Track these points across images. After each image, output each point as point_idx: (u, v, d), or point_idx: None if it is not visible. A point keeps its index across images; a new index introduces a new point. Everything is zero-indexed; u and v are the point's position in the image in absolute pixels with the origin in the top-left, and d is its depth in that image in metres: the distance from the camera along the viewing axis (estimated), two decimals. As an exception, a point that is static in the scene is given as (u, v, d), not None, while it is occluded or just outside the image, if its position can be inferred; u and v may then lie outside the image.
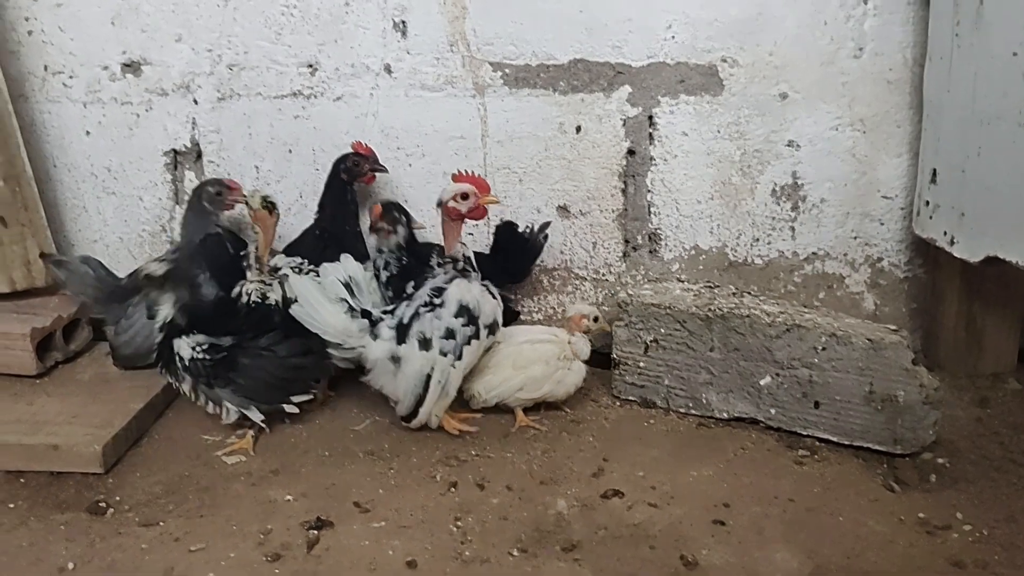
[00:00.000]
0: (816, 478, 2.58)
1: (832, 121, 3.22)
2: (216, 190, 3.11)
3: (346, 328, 2.73)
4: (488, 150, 3.34)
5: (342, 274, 2.81)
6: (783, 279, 3.41)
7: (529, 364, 2.89)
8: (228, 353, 2.76)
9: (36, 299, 3.23)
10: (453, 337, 2.72)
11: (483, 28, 3.22)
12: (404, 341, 2.74)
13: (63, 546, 2.30)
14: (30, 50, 3.31)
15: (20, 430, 2.69)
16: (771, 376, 2.78)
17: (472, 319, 2.73)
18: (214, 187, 3.12)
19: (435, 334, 2.72)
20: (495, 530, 2.35)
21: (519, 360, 2.90)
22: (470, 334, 2.73)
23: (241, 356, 2.76)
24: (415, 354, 2.73)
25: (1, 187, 3.09)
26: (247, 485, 2.58)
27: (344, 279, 2.80)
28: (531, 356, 2.90)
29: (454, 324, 2.71)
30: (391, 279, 3.02)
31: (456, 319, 2.71)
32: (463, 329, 2.72)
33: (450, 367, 2.74)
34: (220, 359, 2.75)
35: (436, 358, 2.72)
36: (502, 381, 2.89)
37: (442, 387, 2.75)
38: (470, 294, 2.73)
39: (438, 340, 2.72)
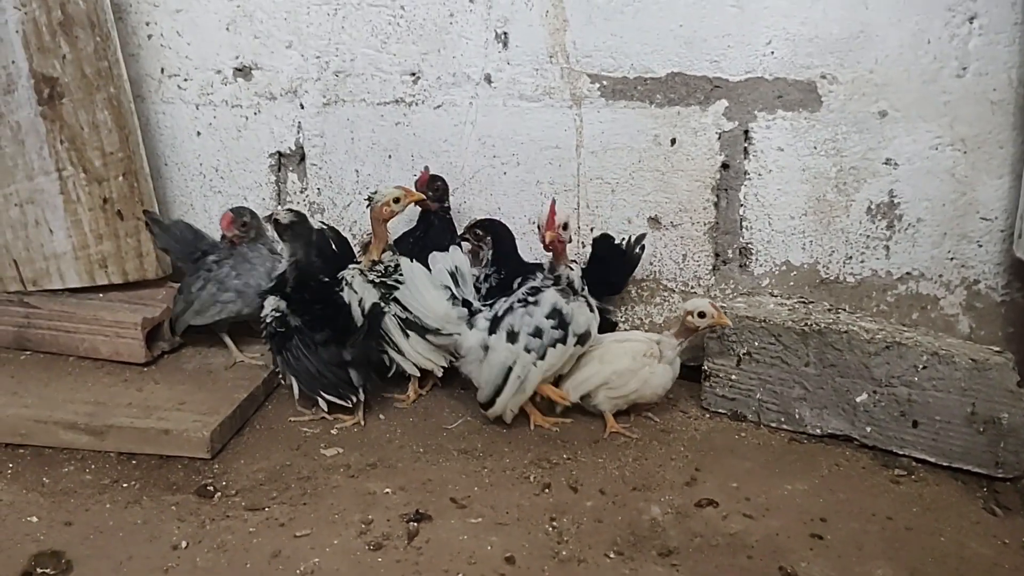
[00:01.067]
0: (914, 498, 2.55)
1: (932, 140, 3.18)
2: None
3: (446, 314, 2.87)
4: (582, 160, 3.39)
5: (450, 264, 2.94)
6: (875, 298, 3.37)
7: (615, 359, 2.93)
8: (287, 330, 2.94)
9: (146, 290, 3.37)
10: (540, 336, 2.78)
11: (583, 40, 3.27)
12: (495, 331, 2.83)
13: (175, 525, 2.40)
14: (148, 53, 3.47)
15: (132, 414, 2.82)
16: (868, 393, 2.76)
17: (563, 323, 2.78)
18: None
19: (523, 329, 2.79)
20: (590, 532, 2.38)
21: (606, 356, 2.95)
22: (557, 337, 2.78)
23: (296, 337, 2.92)
24: (501, 345, 2.80)
25: (120, 182, 3.24)
26: (346, 476, 2.65)
27: (451, 269, 2.92)
28: (617, 352, 2.95)
29: (544, 324, 2.77)
30: (490, 291, 3.10)
31: (547, 320, 2.77)
32: (551, 331, 2.77)
33: (532, 364, 2.79)
34: (281, 332, 2.93)
35: (520, 353, 2.79)
36: (588, 376, 2.93)
37: (520, 382, 2.81)
38: (563, 302, 2.80)
39: (525, 336, 2.78)
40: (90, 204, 3.25)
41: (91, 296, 3.34)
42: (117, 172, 3.23)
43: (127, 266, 3.32)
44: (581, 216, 3.44)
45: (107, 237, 3.28)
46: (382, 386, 3.11)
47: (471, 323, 2.87)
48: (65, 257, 3.30)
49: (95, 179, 3.23)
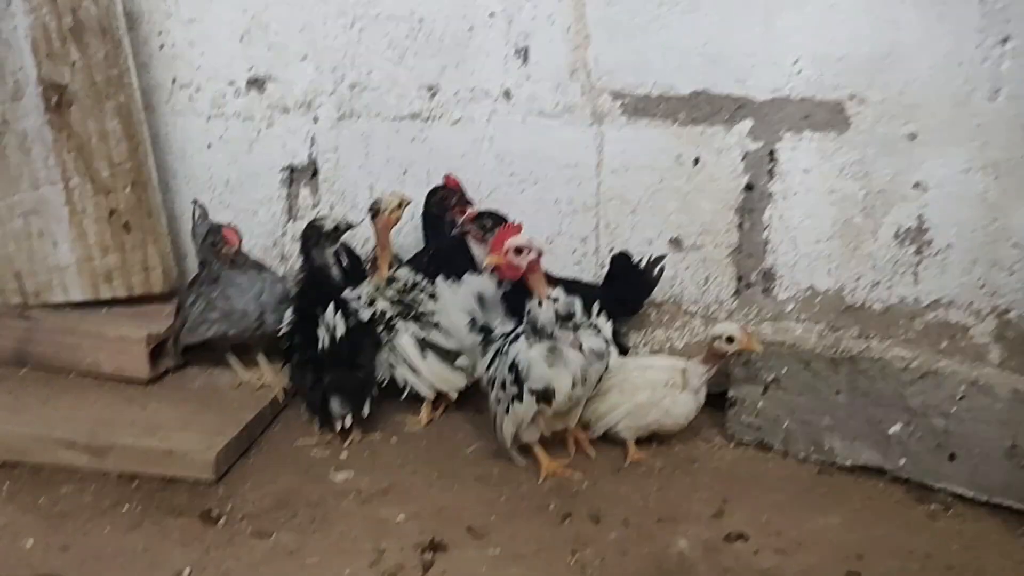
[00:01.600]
0: (953, 534, 2.44)
1: (963, 164, 3.09)
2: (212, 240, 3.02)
3: (462, 340, 2.85)
4: (602, 179, 3.30)
5: (477, 288, 2.83)
6: (903, 326, 3.26)
7: (635, 391, 2.81)
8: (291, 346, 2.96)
9: (151, 306, 3.28)
10: (504, 388, 2.61)
11: (605, 57, 3.19)
12: (488, 370, 2.72)
13: (178, 551, 2.29)
14: (160, 63, 3.39)
15: (135, 433, 2.71)
16: (902, 424, 2.65)
17: (517, 380, 2.54)
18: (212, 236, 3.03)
19: (497, 378, 2.65)
20: (615, 565, 2.26)
21: (626, 386, 2.83)
22: (514, 394, 2.57)
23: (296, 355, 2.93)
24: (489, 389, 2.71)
25: (127, 193, 3.15)
26: (357, 502, 2.54)
27: (478, 293, 2.82)
28: (637, 382, 2.83)
29: (507, 377, 2.59)
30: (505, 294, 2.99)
31: (508, 373, 2.58)
32: (510, 386, 2.58)
33: (504, 414, 2.65)
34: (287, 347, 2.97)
35: (493, 400, 2.69)
36: (609, 409, 2.82)
37: (501, 428, 2.69)
38: (525, 355, 2.53)
39: (497, 386, 2.65)
40: (96, 215, 3.16)
41: (95, 310, 3.24)
42: (125, 183, 3.15)
43: (132, 280, 3.23)
44: (600, 236, 3.34)
45: (113, 250, 3.19)
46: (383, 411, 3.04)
47: (484, 351, 2.77)
48: (69, 270, 3.21)
49: (102, 190, 3.14)
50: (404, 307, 2.96)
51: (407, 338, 2.92)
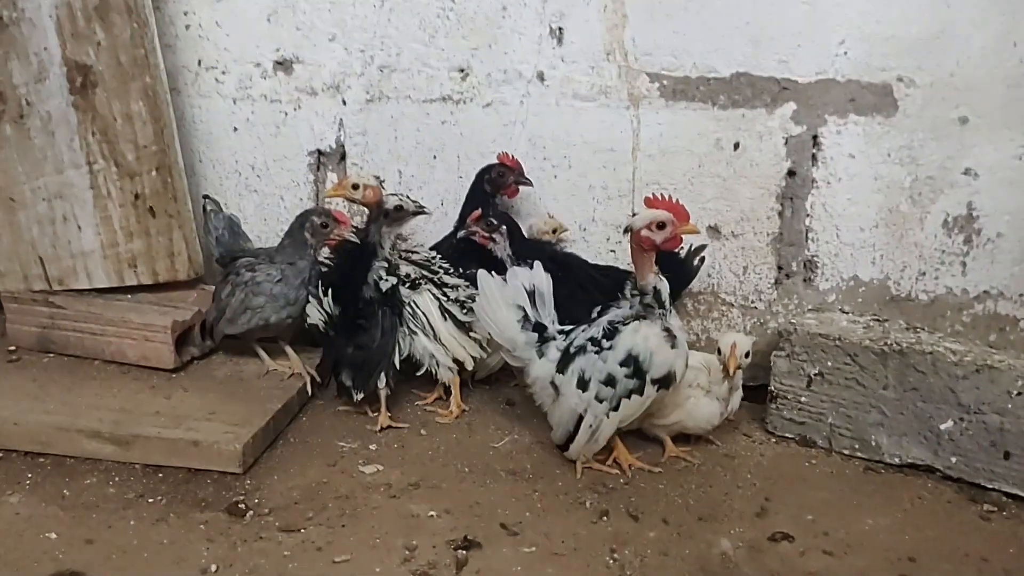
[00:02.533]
0: (1009, 537, 2.33)
1: (1016, 149, 2.97)
2: (322, 221, 2.86)
3: (513, 339, 2.62)
4: (638, 164, 3.19)
5: (528, 282, 2.65)
6: (950, 318, 3.15)
7: None
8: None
9: (176, 292, 3.20)
10: (613, 385, 2.48)
11: (642, 37, 3.08)
12: (564, 371, 2.54)
13: (204, 546, 2.22)
14: (186, 44, 3.32)
15: (160, 423, 2.65)
16: (954, 421, 2.54)
17: (639, 371, 2.44)
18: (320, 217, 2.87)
19: (595, 376, 2.48)
20: (656, 566, 2.18)
21: None
22: (632, 387, 2.46)
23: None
24: (572, 390, 2.52)
25: (153, 177, 3.08)
26: (387, 497, 2.47)
27: (529, 288, 2.63)
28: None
29: (617, 372, 2.45)
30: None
31: (621, 367, 2.45)
32: (625, 380, 2.45)
33: (604, 415, 2.51)
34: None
35: (591, 402, 2.51)
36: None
37: (592, 432, 2.54)
38: (644, 343, 2.43)
39: (596, 384, 2.48)
40: (121, 200, 3.09)
41: (119, 297, 3.17)
42: (150, 166, 3.07)
43: (157, 266, 3.16)
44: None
45: (138, 235, 3.12)
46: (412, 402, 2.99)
47: (541, 351, 2.59)
48: (93, 255, 3.14)
49: (127, 173, 3.07)
50: (429, 271, 2.92)
51: (429, 298, 2.85)
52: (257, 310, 2.92)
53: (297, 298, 2.90)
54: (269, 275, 2.90)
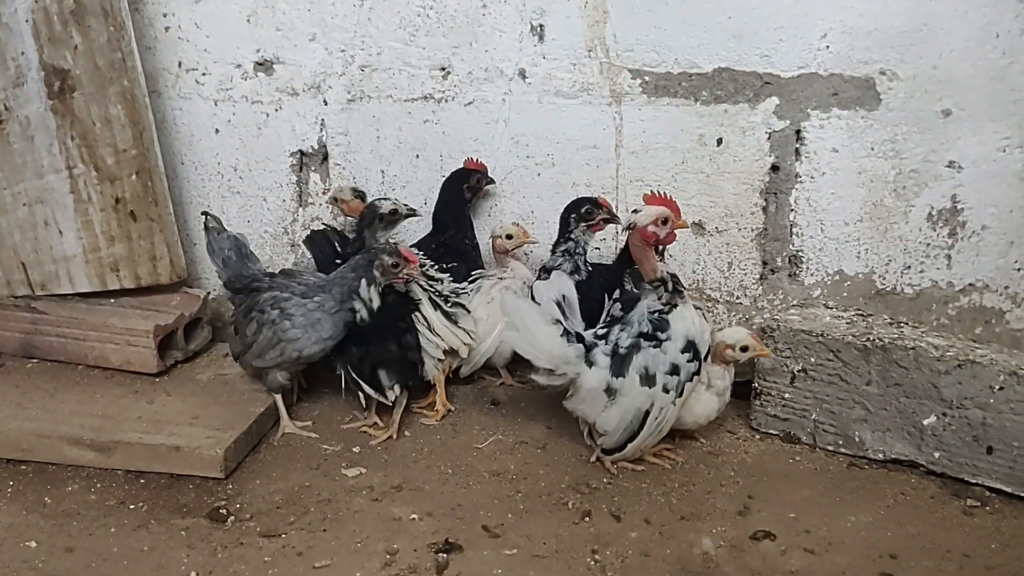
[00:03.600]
0: (992, 532, 2.33)
1: (999, 141, 2.96)
2: (393, 261, 2.66)
3: (563, 355, 2.48)
4: (621, 161, 3.18)
5: (555, 293, 2.56)
6: (935, 311, 3.15)
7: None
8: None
9: (159, 296, 3.20)
10: (677, 373, 2.49)
11: (624, 33, 3.06)
12: (622, 374, 2.49)
13: (184, 553, 2.22)
14: (166, 46, 3.30)
15: (141, 428, 2.64)
16: (937, 416, 2.53)
17: (696, 354, 2.50)
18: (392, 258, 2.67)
19: (659, 369, 2.48)
20: (637, 567, 2.17)
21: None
22: (693, 370, 2.51)
23: None
24: (635, 389, 2.49)
25: (133, 181, 3.07)
26: (369, 500, 2.46)
27: (557, 298, 2.54)
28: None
29: (679, 360, 2.48)
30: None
31: (683, 354, 2.49)
32: (688, 365, 2.49)
33: (671, 404, 2.52)
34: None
35: (658, 394, 2.50)
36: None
37: (658, 424, 2.53)
38: (694, 326, 2.50)
39: (663, 376, 2.48)
40: (102, 204, 3.08)
41: (102, 301, 3.17)
42: (130, 170, 3.06)
43: (140, 270, 3.15)
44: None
45: (119, 239, 3.11)
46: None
47: (589, 360, 2.51)
48: (75, 260, 3.13)
49: (107, 177, 3.06)
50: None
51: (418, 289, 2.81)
52: (291, 342, 2.70)
53: (334, 334, 2.71)
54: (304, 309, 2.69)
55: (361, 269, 2.66)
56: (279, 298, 2.70)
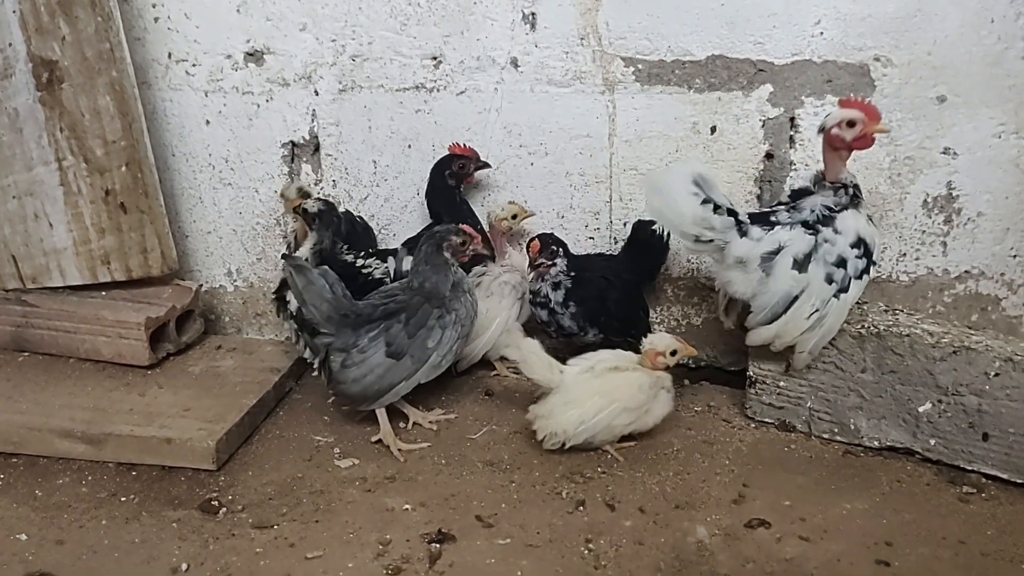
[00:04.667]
0: (987, 519, 2.31)
1: (995, 128, 2.94)
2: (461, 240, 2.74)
3: (706, 219, 2.49)
4: (615, 150, 3.16)
5: (689, 172, 2.51)
6: (931, 299, 3.14)
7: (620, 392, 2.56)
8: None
9: (150, 288, 3.17)
10: (844, 266, 2.51)
11: (616, 21, 3.04)
12: (775, 252, 2.53)
13: (175, 545, 2.20)
14: (155, 37, 3.27)
15: (133, 421, 2.62)
16: (932, 403, 2.52)
17: (868, 253, 2.53)
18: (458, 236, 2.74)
19: (823, 259, 2.51)
20: (631, 556, 2.15)
21: (608, 388, 2.56)
22: (862, 268, 2.53)
23: None
24: (785, 272, 2.51)
25: (123, 172, 3.04)
26: (362, 491, 2.45)
27: (695, 177, 2.50)
28: (621, 384, 2.57)
29: (848, 254, 2.51)
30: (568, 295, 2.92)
31: (852, 249, 2.51)
32: (856, 260, 2.52)
33: (832, 297, 2.51)
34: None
35: (814, 283, 2.51)
36: (595, 414, 2.54)
37: (819, 316, 2.52)
38: (867, 228, 2.54)
39: (823, 265, 2.50)
40: (92, 196, 3.05)
41: (93, 294, 3.14)
42: (120, 162, 3.03)
43: (131, 262, 3.12)
44: (613, 209, 3.22)
45: (110, 231, 3.08)
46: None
47: (742, 230, 2.54)
48: (66, 253, 3.11)
49: (97, 169, 3.03)
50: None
51: None
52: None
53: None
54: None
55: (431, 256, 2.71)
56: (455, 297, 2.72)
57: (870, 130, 2.50)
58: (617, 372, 2.60)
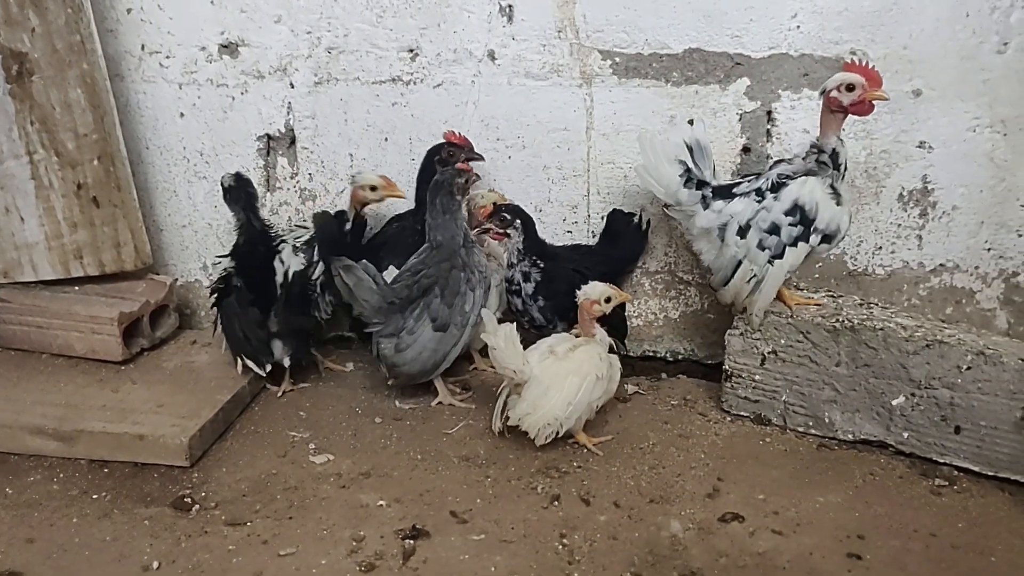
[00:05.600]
0: (959, 511, 2.33)
1: (970, 121, 2.96)
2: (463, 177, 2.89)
3: (676, 193, 2.67)
4: (592, 143, 3.15)
5: (688, 136, 2.69)
6: (906, 292, 3.15)
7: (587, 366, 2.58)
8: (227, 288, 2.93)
9: (124, 283, 3.15)
10: (777, 233, 2.57)
11: (594, 14, 3.03)
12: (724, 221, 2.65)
13: (147, 543, 2.19)
14: (128, 29, 3.22)
15: (105, 417, 2.60)
16: (905, 396, 2.53)
17: (805, 220, 2.55)
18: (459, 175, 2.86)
19: (757, 225, 2.59)
20: (605, 551, 2.16)
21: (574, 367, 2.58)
22: (796, 235, 2.57)
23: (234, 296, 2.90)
24: (732, 238, 2.63)
25: (95, 166, 3.01)
26: (336, 487, 2.44)
27: (690, 142, 2.69)
28: (584, 359, 2.60)
29: (781, 221, 2.57)
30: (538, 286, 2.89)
31: (786, 216, 2.56)
32: (790, 228, 2.57)
33: (767, 263, 2.60)
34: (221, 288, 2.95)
35: (751, 249, 2.61)
36: (576, 392, 2.54)
37: (755, 281, 2.63)
38: (811, 195, 2.56)
39: (757, 232, 2.59)
40: (63, 190, 3.02)
41: (65, 289, 3.12)
42: (92, 155, 3.00)
43: (104, 257, 3.09)
44: (591, 203, 3.21)
45: (82, 225, 3.05)
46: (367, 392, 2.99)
47: (706, 203, 2.67)
48: (37, 247, 3.08)
49: (68, 163, 3.00)
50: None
51: None
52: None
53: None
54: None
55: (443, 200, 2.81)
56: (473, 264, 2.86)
57: (869, 96, 2.51)
58: (575, 349, 2.62)
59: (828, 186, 2.58)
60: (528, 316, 2.93)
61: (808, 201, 2.55)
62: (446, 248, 2.81)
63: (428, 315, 2.76)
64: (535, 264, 2.89)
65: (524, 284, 2.89)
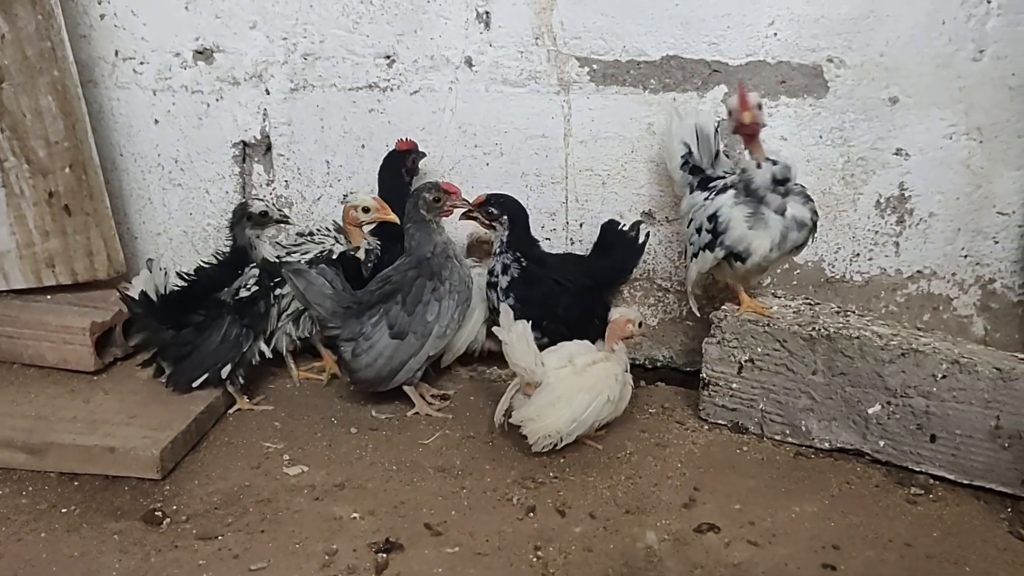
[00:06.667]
0: (934, 520, 2.33)
1: (946, 129, 2.96)
2: (434, 196, 2.80)
3: (675, 171, 2.88)
4: (570, 150, 3.15)
5: (699, 123, 2.85)
6: (884, 298, 3.16)
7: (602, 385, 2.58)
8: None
9: (96, 292, 3.11)
10: (699, 233, 2.72)
11: (571, 21, 3.02)
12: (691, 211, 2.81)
13: (116, 558, 2.16)
14: (101, 34, 3.20)
15: (76, 429, 2.57)
16: (881, 405, 2.53)
17: (715, 230, 2.65)
18: (431, 193, 2.80)
19: (695, 220, 2.76)
20: (579, 563, 2.14)
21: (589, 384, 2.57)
22: (706, 242, 2.69)
23: None
24: (689, 230, 2.80)
25: (67, 174, 2.97)
26: (310, 499, 2.41)
27: (697, 129, 2.84)
28: (602, 377, 2.59)
29: (703, 224, 2.70)
30: (513, 283, 2.87)
31: (707, 222, 2.68)
32: (705, 234, 2.69)
33: (693, 257, 2.79)
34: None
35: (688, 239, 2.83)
36: (584, 410, 2.53)
37: (696, 270, 2.80)
38: (728, 212, 2.63)
39: (692, 229, 2.76)
40: (35, 198, 2.98)
41: (37, 298, 3.07)
42: (64, 163, 2.97)
43: (76, 265, 3.06)
44: (569, 210, 3.20)
45: (54, 234, 3.02)
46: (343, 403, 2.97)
47: (692, 187, 2.82)
48: (9, 256, 3.04)
49: (39, 171, 2.96)
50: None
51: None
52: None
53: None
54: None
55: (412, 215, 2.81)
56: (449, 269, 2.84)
57: (738, 118, 2.55)
58: (594, 365, 2.60)
59: (749, 207, 2.61)
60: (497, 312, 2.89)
61: (723, 215, 2.63)
62: (414, 256, 2.80)
63: (386, 321, 2.74)
64: (517, 260, 2.88)
65: (501, 276, 2.89)
